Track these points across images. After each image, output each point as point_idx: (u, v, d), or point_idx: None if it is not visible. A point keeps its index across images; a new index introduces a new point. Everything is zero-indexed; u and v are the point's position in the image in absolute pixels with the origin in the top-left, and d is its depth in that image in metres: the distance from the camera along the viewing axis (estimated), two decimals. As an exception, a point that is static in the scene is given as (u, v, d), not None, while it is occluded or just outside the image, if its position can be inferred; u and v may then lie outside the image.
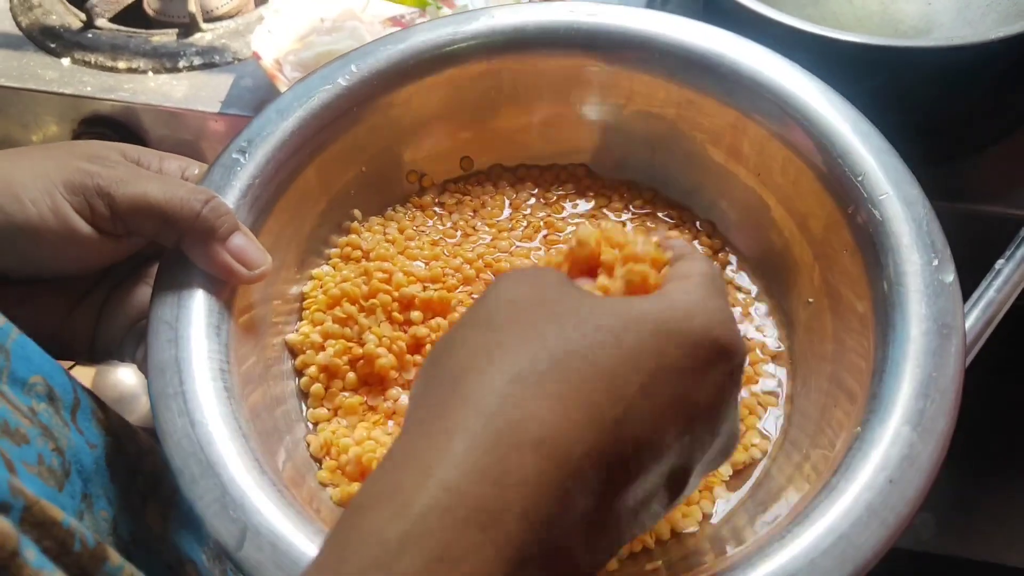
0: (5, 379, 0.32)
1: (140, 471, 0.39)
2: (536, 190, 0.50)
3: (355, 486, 0.39)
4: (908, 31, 0.70)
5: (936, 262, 0.37)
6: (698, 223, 0.49)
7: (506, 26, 0.46)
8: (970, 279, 0.48)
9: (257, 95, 0.66)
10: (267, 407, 0.39)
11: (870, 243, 0.38)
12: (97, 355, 0.41)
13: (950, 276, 0.37)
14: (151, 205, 0.36)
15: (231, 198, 0.40)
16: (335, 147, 0.44)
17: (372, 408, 0.42)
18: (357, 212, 0.47)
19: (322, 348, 0.43)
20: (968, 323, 0.45)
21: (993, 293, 0.47)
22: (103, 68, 0.68)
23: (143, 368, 0.38)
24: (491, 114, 0.49)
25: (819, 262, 0.42)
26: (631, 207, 0.49)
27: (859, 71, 0.67)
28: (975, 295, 0.46)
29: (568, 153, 0.51)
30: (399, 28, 0.69)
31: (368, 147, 0.46)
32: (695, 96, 0.46)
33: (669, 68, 0.45)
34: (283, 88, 0.61)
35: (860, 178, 0.40)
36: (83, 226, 0.35)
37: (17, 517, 0.27)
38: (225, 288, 0.38)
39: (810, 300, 0.43)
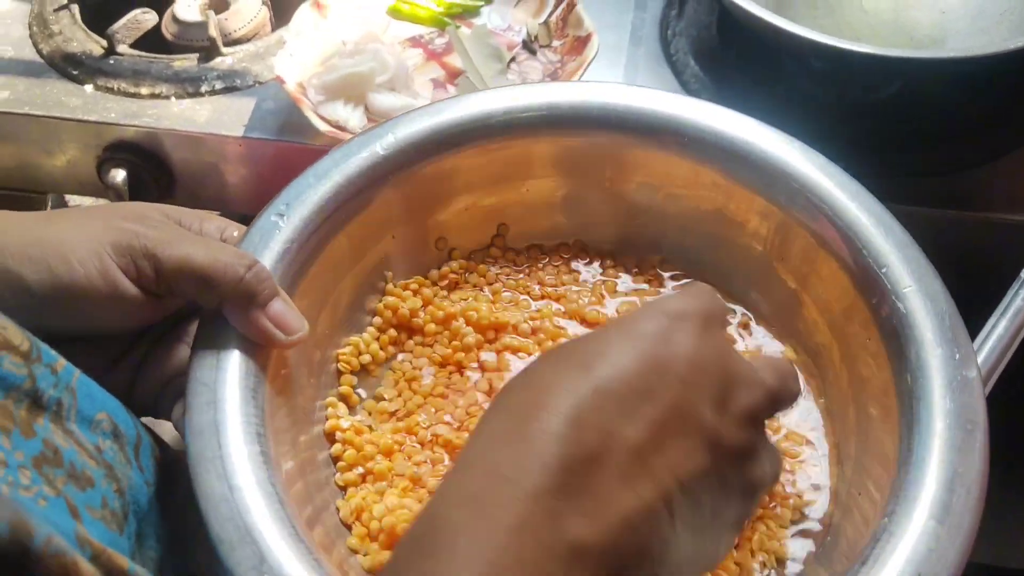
0: (73, 417, 0.33)
1: (190, 513, 0.39)
2: (560, 264, 0.51)
3: (385, 554, 0.39)
4: (923, 39, 0.71)
5: (959, 356, 0.38)
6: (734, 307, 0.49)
7: (540, 104, 0.47)
8: (987, 286, 0.49)
9: (279, 118, 0.67)
10: (299, 471, 0.40)
11: (894, 335, 0.39)
12: (134, 411, 0.41)
13: (973, 371, 0.37)
14: (194, 268, 0.36)
15: (268, 260, 0.41)
16: (369, 212, 0.46)
17: (402, 474, 0.42)
18: (389, 274, 0.48)
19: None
20: (997, 332, 0.46)
21: (1021, 302, 0.47)
22: (126, 94, 0.69)
23: (179, 426, 0.38)
24: (521, 187, 0.50)
25: (841, 349, 0.43)
26: (657, 277, 0.50)
27: (873, 81, 0.68)
28: (1003, 303, 0.47)
29: (596, 227, 0.51)
30: (419, 48, 0.70)
31: (400, 214, 0.47)
32: (723, 181, 0.47)
33: (698, 153, 0.47)
34: (307, 111, 0.62)
35: (884, 270, 0.41)
36: (128, 286, 0.36)
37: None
38: (262, 351, 0.39)
39: (833, 385, 0.44)
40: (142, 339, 0.41)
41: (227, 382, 0.37)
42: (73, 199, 0.88)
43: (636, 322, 0.30)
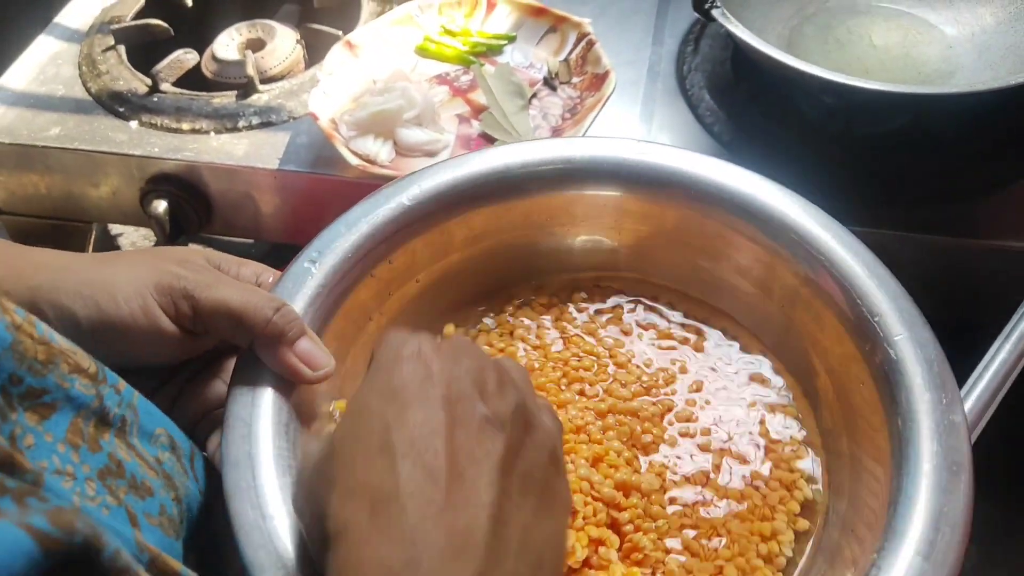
0: (135, 432, 0.36)
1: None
2: (580, 306, 0.53)
3: None
4: (931, 74, 0.73)
5: (945, 401, 0.40)
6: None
7: (556, 158, 0.50)
8: (992, 311, 0.51)
9: (312, 151, 0.70)
10: None
11: (885, 379, 0.42)
12: None
13: (959, 415, 0.40)
14: (229, 309, 0.39)
15: (301, 303, 0.44)
16: (395, 259, 0.48)
17: None
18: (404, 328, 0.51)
19: None
20: (1001, 356, 0.48)
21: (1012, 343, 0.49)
22: (168, 130, 0.73)
23: (215, 456, 0.41)
24: (539, 236, 0.53)
25: (837, 391, 0.46)
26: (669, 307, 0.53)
27: (881, 114, 0.71)
28: (1008, 328, 0.49)
29: (609, 267, 0.54)
30: (445, 85, 0.73)
31: (424, 261, 0.50)
32: (727, 232, 0.49)
33: (700, 204, 0.49)
34: (339, 146, 0.65)
35: (877, 319, 0.43)
36: (167, 323, 0.39)
37: (143, 569, 0.30)
38: (294, 388, 0.42)
39: (828, 425, 0.46)
40: (179, 373, 0.44)
41: (261, 417, 0.40)
42: (115, 228, 0.92)
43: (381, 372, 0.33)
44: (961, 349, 0.46)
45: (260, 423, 0.39)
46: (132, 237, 1.02)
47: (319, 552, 0.30)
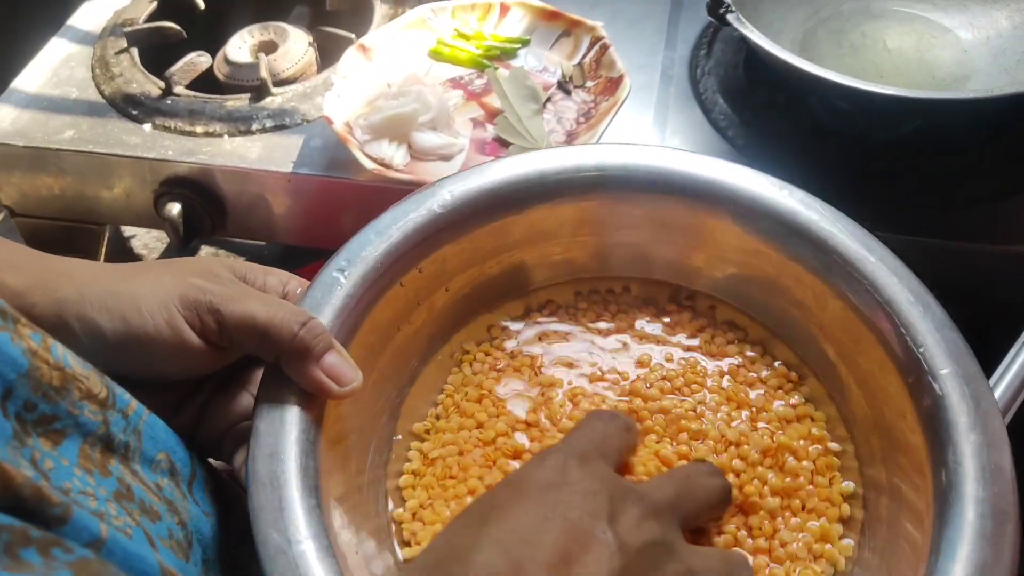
0: (137, 458, 0.35)
1: (248, 532, 0.42)
2: (614, 322, 0.52)
3: None
4: (945, 78, 0.73)
5: (991, 442, 0.38)
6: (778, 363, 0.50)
7: (591, 165, 0.49)
8: (1009, 317, 0.51)
9: (326, 155, 0.70)
10: (353, 522, 0.41)
11: (929, 416, 0.40)
12: (197, 453, 0.43)
13: (1005, 458, 0.38)
14: (255, 324, 0.39)
15: (329, 313, 0.43)
16: (425, 267, 0.47)
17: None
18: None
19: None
20: (1019, 363, 0.47)
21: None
22: (182, 132, 0.73)
23: (240, 471, 0.40)
24: (572, 244, 0.51)
25: (876, 421, 0.44)
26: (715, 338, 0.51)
27: (896, 119, 0.71)
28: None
29: (646, 279, 0.52)
30: (460, 89, 0.73)
31: (454, 269, 0.49)
32: (766, 249, 0.47)
33: (739, 220, 0.48)
34: (354, 150, 0.65)
35: (921, 349, 0.41)
36: (193, 337, 0.39)
37: None
38: (320, 403, 0.41)
39: (865, 452, 0.44)
40: (206, 385, 0.44)
41: (288, 435, 0.39)
42: (128, 230, 0.92)
43: (526, 471, 0.36)
44: (975, 355, 0.46)
45: (286, 441, 0.39)
46: (145, 239, 1.02)
47: None
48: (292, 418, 0.39)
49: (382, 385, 0.47)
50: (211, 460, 0.44)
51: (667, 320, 0.51)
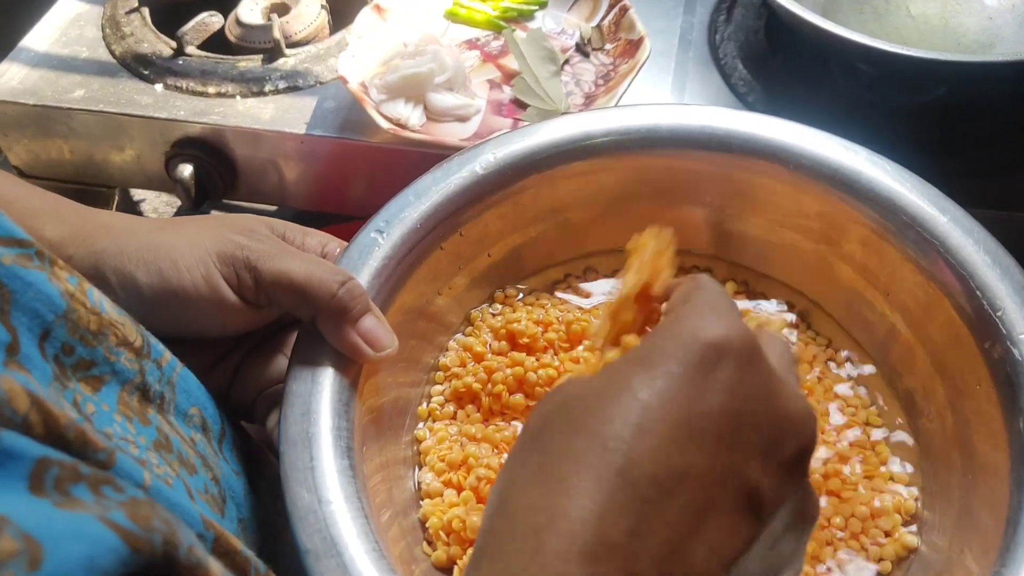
0: (172, 411, 0.35)
1: (281, 494, 0.41)
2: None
3: (455, 550, 0.41)
4: (971, 44, 0.71)
5: None
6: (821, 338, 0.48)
7: (640, 126, 0.47)
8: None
9: (339, 116, 0.69)
10: (385, 484, 0.41)
11: (1007, 382, 0.38)
12: (229, 414, 0.43)
13: None
14: (292, 281, 0.38)
15: (367, 275, 0.42)
16: (466, 231, 0.46)
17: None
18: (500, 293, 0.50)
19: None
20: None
21: None
22: (194, 93, 0.72)
23: (272, 433, 0.40)
24: (617, 208, 0.49)
25: (947, 390, 0.42)
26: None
27: (921, 84, 0.69)
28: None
29: (688, 245, 0.50)
30: (476, 51, 0.72)
31: (497, 233, 0.48)
32: (828, 210, 0.45)
33: (800, 180, 0.45)
34: (370, 110, 0.64)
35: (999, 313, 0.39)
36: (230, 294, 0.38)
37: (208, 548, 0.29)
38: (355, 365, 0.40)
39: (935, 428, 0.42)
40: (241, 345, 0.43)
41: (321, 395, 0.38)
42: (137, 194, 0.91)
43: (659, 366, 0.26)
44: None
45: (320, 402, 0.38)
46: (154, 203, 1.01)
47: None
48: (326, 379, 0.39)
49: (419, 350, 0.46)
50: (243, 423, 0.43)
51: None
